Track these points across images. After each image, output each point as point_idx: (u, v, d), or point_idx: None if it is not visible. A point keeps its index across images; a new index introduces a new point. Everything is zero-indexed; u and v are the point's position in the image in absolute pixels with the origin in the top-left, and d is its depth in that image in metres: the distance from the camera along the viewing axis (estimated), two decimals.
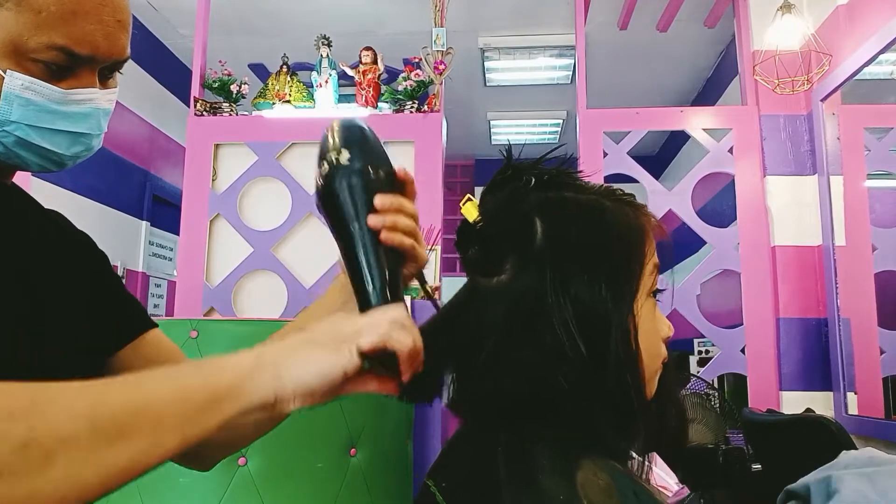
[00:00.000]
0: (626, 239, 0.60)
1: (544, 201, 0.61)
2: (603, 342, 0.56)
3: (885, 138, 2.37)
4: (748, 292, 2.55)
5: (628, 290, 0.59)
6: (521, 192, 0.62)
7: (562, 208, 0.61)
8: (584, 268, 0.58)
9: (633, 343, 0.58)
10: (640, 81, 4.24)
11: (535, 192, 0.62)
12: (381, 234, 0.61)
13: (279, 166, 2.63)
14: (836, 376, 2.36)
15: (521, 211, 0.61)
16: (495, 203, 0.63)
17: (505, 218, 0.61)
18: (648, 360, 0.59)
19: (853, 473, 0.81)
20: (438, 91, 2.63)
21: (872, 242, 2.33)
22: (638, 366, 0.58)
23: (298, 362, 0.49)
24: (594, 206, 0.61)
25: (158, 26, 3.66)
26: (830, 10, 2.44)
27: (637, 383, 0.58)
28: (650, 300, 0.62)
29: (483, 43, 3.79)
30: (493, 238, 0.62)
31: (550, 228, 0.59)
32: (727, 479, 1.81)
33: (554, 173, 0.64)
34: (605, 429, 0.56)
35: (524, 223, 0.60)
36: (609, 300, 0.57)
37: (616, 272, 0.59)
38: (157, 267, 3.79)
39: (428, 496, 0.58)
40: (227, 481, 1.39)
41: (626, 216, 0.61)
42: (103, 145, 0.74)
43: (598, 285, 0.57)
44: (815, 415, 1.90)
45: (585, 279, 0.57)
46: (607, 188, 0.64)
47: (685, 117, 2.76)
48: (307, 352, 0.49)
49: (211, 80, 2.70)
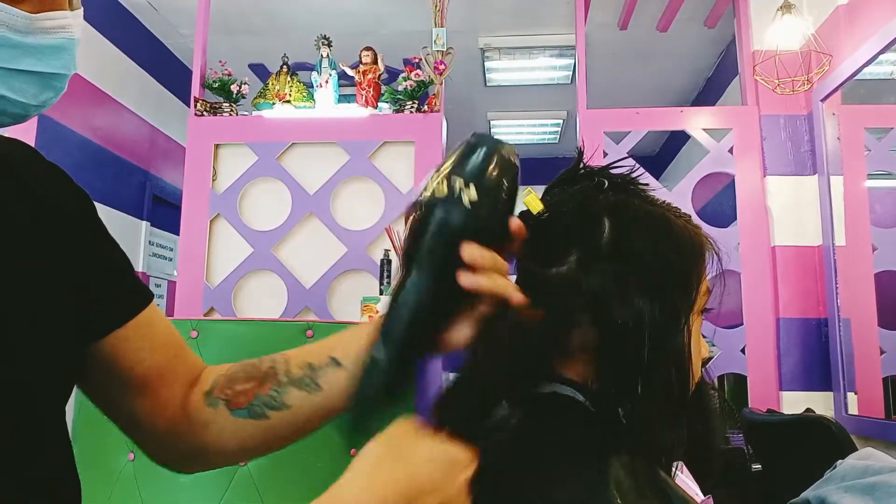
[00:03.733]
0: (689, 256, 0.62)
1: (615, 204, 0.62)
2: (657, 351, 0.57)
3: (885, 138, 2.37)
4: (748, 292, 2.55)
5: (685, 307, 0.60)
6: (592, 191, 0.63)
7: (631, 214, 0.62)
8: (646, 277, 0.59)
9: (687, 358, 0.59)
10: (640, 81, 4.24)
11: (605, 194, 0.63)
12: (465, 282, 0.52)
13: (279, 166, 2.63)
14: (836, 376, 2.36)
15: (591, 209, 0.62)
16: (563, 198, 0.64)
17: (573, 214, 0.62)
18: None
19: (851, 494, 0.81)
20: (438, 91, 2.63)
21: (872, 242, 2.33)
22: (690, 379, 0.60)
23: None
24: (661, 218, 0.62)
25: (158, 26, 3.66)
26: (830, 10, 2.44)
27: (685, 395, 0.59)
28: (699, 319, 0.64)
29: (483, 43, 3.78)
30: (559, 231, 0.63)
31: (618, 231, 0.60)
32: (727, 479, 1.81)
33: (625, 179, 0.65)
34: (648, 434, 0.57)
35: (593, 222, 0.61)
36: (669, 312, 0.59)
37: (678, 285, 0.60)
38: (157, 267, 3.79)
39: None
40: (227, 481, 1.39)
41: (688, 233, 0.62)
42: (103, 145, 0.67)
43: (660, 295, 0.58)
44: (815, 415, 1.90)
45: (648, 286, 0.58)
46: (670, 204, 0.65)
47: (685, 117, 2.76)
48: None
49: (211, 80, 2.70)
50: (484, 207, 0.52)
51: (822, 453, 1.62)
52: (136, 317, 0.64)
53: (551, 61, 4.02)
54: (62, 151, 2.84)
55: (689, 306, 0.60)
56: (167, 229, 3.81)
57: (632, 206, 0.62)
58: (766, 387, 2.48)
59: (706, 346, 0.66)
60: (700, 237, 0.63)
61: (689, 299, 0.60)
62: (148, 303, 0.66)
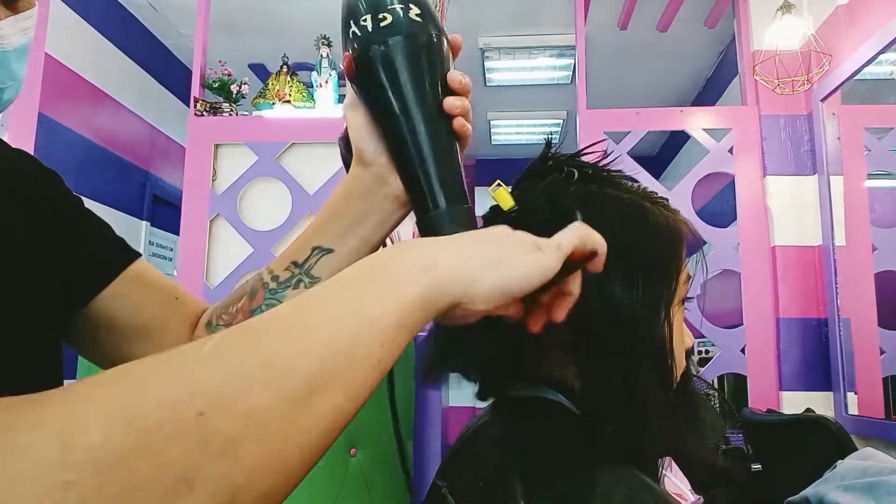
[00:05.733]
0: (667, 243, 0.59)
1: (586, 195, 0.59)
2: (634, 345, 0.55)
3: (885, 138, 2.37)
4: (748, 292, 2.55)
5: (665, 296, 0.57)
6: (563, 183, 0.61)
7: (604, 204, 0.59)
8: (624, 267, 0.56)
9: (668, 350, 0.56)
10: (640, 81, 4.24)
11: (576, 185, 0.60)
12: (457, 120, 0.51)
13: (279, 166, 2.63)
14: (836, 376, 2.36)
15: (561, 202, 0.59)
16: (533, 192, 0.61)
17: (545, 208, 0.59)
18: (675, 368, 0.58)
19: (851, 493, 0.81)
20: None
21: (872, 242, 2.33)
22: (672, 373, 0.57)
23: (496, 264, 0.40)
24: (636, 205, 0.59)
25: (158, 26, 3.66)
26: (830, 10, 2.44)
27: (668, 389, 0.56)
28: (680, 309, 0.61)
29: (483, 43, 3.78)
30: (531, 227, 0.60)
31: (592, 223, 0.58)
32: (727, 479, 1.81)
33: (596, 168, 0.62)
34: (628, 432, 0.55)
35: (564, 215, 0.57)
36: (646, 303, 0.56)
37: (656, 275, 0.57)
38: (157, 267, 3.78)
39: (437, 497, 0.57)
40: None
41: (666, 220, 0.60)
42: (103, 145, 0.68)
43: (636, 286, 0.55)
44: (815, 415, 1.90)
45: (625, 278, 0.55)
46: (645, 189, 0.62)
47: (685, 117, 2.76)
48: (502, 252, 0.41)
49: (211, 80, 2.70)
50: (430, 20, 0.50)
51: (822, 453, 1.62)
52: (126, 270, 0.65)
53: (551, 61, 4.02)
54: (62, 151, 2.84)
55: (668, 296, 0.57)
56: (167, 229, 3.81)
57: (603, 195, 0.60)
58: (766, 387, 2.48)
59: (690, 335, 0.63)
60: (678, 223, 0.60)
61: (668, 288, 0.57)
62: (136, 257, 0.66)
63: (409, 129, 0.49)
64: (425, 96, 0.49)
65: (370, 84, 0.51)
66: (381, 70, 0.49)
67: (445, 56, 0.51)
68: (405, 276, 0.37)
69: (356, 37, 0.50)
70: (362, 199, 0.58)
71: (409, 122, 0.49)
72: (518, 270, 0.40)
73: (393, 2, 0.49)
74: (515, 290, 0.40)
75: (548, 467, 0.52)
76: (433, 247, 0.40)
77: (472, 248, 0.41)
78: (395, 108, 0.49)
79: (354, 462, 1.50)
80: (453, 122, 0.50)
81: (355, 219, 0.59)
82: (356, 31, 0.50)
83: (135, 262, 0.66)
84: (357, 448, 1.51)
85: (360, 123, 0.56)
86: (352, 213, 0.59)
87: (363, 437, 1.52)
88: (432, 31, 0.50)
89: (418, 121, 0.49)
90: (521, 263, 0.41)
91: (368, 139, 0.56)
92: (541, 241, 0.43)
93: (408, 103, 0.49)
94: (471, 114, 0.53)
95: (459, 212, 0.50)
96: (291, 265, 0.60)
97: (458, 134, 0.51)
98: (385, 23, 0.48)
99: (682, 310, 0.61)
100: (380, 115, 0.52)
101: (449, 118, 0.50)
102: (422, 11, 0.49)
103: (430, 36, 0.50)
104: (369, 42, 0.49)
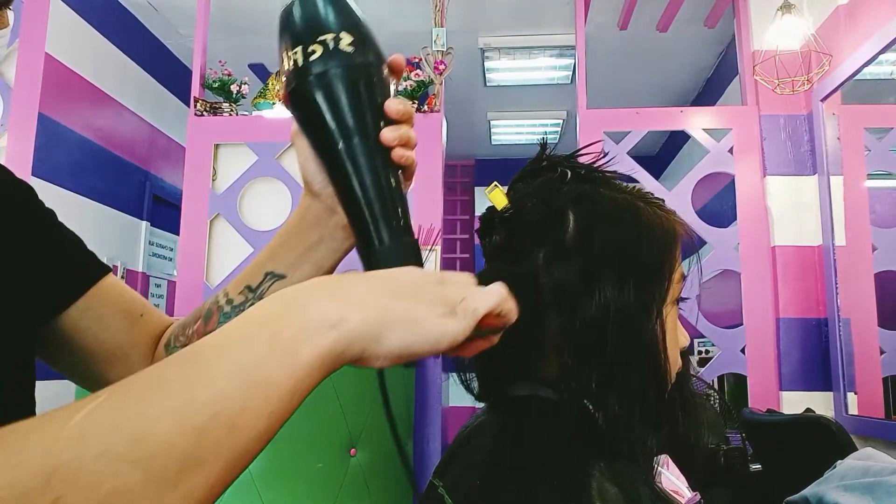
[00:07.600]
0: (659, 242, 0.59)
1: (579, 195, 0.60)
2: (626, 343, 0.55)
3: (885, 138, 2.37)
4: (748, 292, 2.55)
5: (658, 295, 0.57)
6: (556, 183, 0.61)
7: (596, 204, 0.59)
8: (615, 267, 0.56)
9: (661, 350, 0.57)
10: (640, 81, 4.24)
11: (570, 185, 0.61)
12: (396, 151, 0.49)
13: (279, 166, 2.63)
14: (836, 376, 2.36)
15: (555, 203, 0.59)
16: (527, 192, 0.61)
17: (538, 208, 0.60)
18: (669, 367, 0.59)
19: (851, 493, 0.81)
20: (438, 91, 2.63)
21: (872, 242, 2.33)
22: (665, 373, 0.57)
23: (405, 325, 0.38)
24: (629, 205, 0.60)
25: (158, 26, 3.66)
26: (830, 10, 2.44)
27: (662, 389, 0.57)
28: (674, 308, 0.61)
29: (483, 43, 3.78)
30: (524, 227, 0.60)
31: (584, 223, 0.58)
32: (727, 479, 1.81)
33: (589, 168, 0.62)
34: (623, 431, 0.55)
35: (558, 215, 0.58)
36: (639, 303, 0.56)
37: (647, 275, 0.58)
38: (157, 267, 3.79)
39: (434, 496, 0.58)
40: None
41: (659, 219, 0.60)
42: (103, 145, 0.68)
43: (628, 287, 0.56)
44: (815, 415, 1.90)
45: (616, 279, 0.56)
46: (639, 189, 0.63)
47: (685, 117, 2.76)
48: (414, 312, 0.39)
49: (211, 80, 2.70)
50: (365, 49, 0.48)
51: (822, 453, 1.62)
52: (96, 285, 0.65)
53: (551, 61, 4.02)
54: (62, 151, 2.84)
55: (661, 296, 0.58)
56: (167, 229, 3.80)
57: (597, 195, 0.60)
58: (766, 387, 2.48)
59: (685, 334, 0.63)
60: (672, 223, 0.61)
61: (661, 288, 0.58)
62: (104, 273, 0.66)
63: (344, 164, 0.47)
64: (360, 129, 0.47)
65: (303, 118, 0.50)
66: (311, 104, 0.48)
67: (384, 84, 0.50)
68: (309, 333, 0.35)
69: (288, 70, 0.48)
70: (313, 227, 0.58)
71: (344, 156, 0.47)
72: (426, 336, 0.39)
73: (326, 30, 0.47)
74: (419, 354, 0.39)
75: (543, 466, 0.52)
76: (346, 298, 0.38)
77: (386, 301, 0.39)
78: (329, 142, 0.48)
79: (354, 462, 1.50)
80: (392, 154, 0.48)
81: (308, 246, 0.59)
82: (287, 64, 0.49)
83: (104, 278, 0.66)
84: (357, 448, 1.51)
85: (306, 154, 0.55)
86: (304, 240, 0.59)
87: (363, 437, 1.52)
88: (369, 58, 0.48)
89: (354, 155, 0.47)
90: (430, 328, 0.39)
91: (315, 171, 0.55)
92: (458, 304, 0.41)
93: (341, 138, 0.47)
94: (413, 141, 0.50)
95: (402, 247, 0.48)
96: (245, 289, 0.61)
97: (399, 165, 0.49)
98: (314, 56, 0.47)
99: (676, 309, 0.61)
100: (317, 149, 0.50)
101: (387, 150, 0.48)
102: (355, 38, 0.47)
103: (364, 67, 0.48)
104: (300, 76, 0.48)
